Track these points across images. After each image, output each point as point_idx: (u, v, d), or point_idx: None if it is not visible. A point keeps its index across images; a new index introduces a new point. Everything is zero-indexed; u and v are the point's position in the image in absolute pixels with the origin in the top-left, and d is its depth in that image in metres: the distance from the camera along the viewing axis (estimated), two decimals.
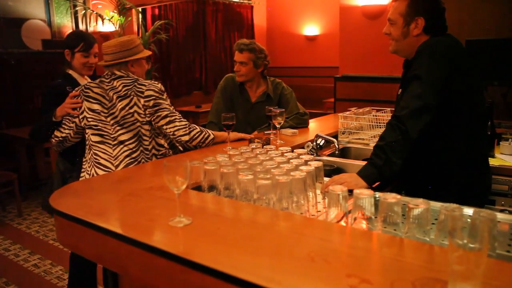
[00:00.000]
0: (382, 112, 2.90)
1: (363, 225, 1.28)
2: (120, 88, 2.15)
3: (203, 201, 1.49)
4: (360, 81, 4.07)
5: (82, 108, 2.18)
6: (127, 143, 2.10)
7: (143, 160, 2.12)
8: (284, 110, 2.40)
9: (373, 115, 2.85)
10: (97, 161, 2.12)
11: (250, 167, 1.55)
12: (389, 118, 2.81)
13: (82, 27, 6.14)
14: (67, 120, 2.26)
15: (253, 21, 8.29)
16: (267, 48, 3.05)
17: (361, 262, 1.02)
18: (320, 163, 1.61)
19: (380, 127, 2.82)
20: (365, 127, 2.80)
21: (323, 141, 2.40)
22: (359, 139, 2.72)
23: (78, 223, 1.34)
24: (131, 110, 2.11)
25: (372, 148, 2.53)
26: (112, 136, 2.12)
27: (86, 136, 2.19)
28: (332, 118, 3.63)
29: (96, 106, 2.15)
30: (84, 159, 2.22)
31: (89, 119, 2.15)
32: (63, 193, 1.60)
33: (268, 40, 8.57)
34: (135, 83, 2.16)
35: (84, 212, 1.37)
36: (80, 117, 2.19)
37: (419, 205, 1.16)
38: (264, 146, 1.92)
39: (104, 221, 1.30)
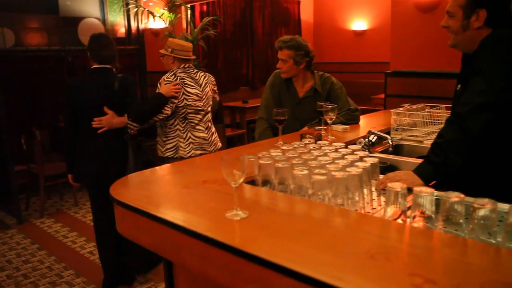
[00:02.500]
0: (437, 109, 2.80)
1: (422, 223, 1.25)
2: (201, 78, 3.15)
3: (258, 195, 1.50)
4: (412, 77, 3.94)
5: (182, 92, 3.00)
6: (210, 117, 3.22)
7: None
8: (336, 106, 2.37)
9: (427, 112, 2.76)
10: (192, 126, 3.08)
11: (304, 162, 1.54)
12: (444, 115, 2.73)
13: (133, 24, 6.34)
14: (169, 102, 2.97)
15: (300, 16, 8.23)
16: (314, 44, 3.03)
17: (424, 262, 0.99)
18: (376, 160, 1.58)
19: (435, 124, 2.73)
20: (418, 124, 2.71)
21: (375, 138, 2.35)
22: (412, 136, 2.64)
23: (138, 213, 1.39)
24: (209, 94, 3.18)
25: (426, 145, 2.47)
26: (204, 111, 3.14)
27: (181, 113, 3.03)
28: (382, 114, 3.55)
29: (193, 90, 3.05)
30: (172, 128, 3.06)
31: (189, 100, 3.02)
32: (122, 184, 1.66)
33: (315, 36, 8.49)
34: (207, 75, 3.23)
35: (143, 202, 1.42)
36: (180, 99, 2.99)
37: (485, 205, 1.11)
38: (317, 142, 1.90)
39: (162, 212, 1.34)
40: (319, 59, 2.85)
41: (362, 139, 2.37)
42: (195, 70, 3.16)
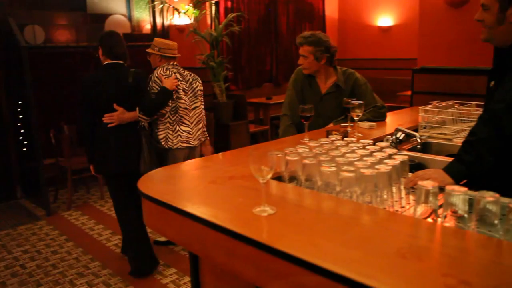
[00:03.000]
0: (467, 106, 2.73)
1: (453, 223, 1.22)
2: (187, 75, 3.43)
3: (284, 191, 1.50)
4: (441, 73, 3.85)
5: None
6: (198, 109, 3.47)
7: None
8: (363, 102, 2.34)
9: (457, 109, 2.70)
10: (181, 121, 3.34)
11: (332, 159, 1.52)
12: (475, 112, 2.65)
13: (159, 20, 6.40)
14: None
15: (325, 12, 8.15)
16: (338, 40, 2.99)
17: (457, 262, 0.97)
18: (405, 157, 1.55)
19: (464, 122, 2.66)
20: (448, 121, 2.65)
21: (403, 135, 2.31)
22: (441, 134, 2.59)
23: (165, 207, 1.40)
24: (197, 91, 3.45)
25: (455, 143, 2.42)
26: (191, 106, 3.40)
27: (172, 104, 3.28)
28: (408, 111, 3.49)
29: (182, 86, 3.34)
30: (162, 120, 3.28)
31: (180, 94, 3.31)
32: (149, 178, 1.68)
33: (340, 32, 8.39)
34: (193, 74, 3.48)
35: (170, 197, 1.43)
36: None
37: None
38: (344, 139, 1.88)
39: (190, 207, 1.34)
40: (343, 55, 2.81)
41: (389, 136, 2.34)
42: (182, 68, 3.44)
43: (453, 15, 3.82)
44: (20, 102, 4.77)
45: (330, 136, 1.97)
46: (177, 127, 3.32)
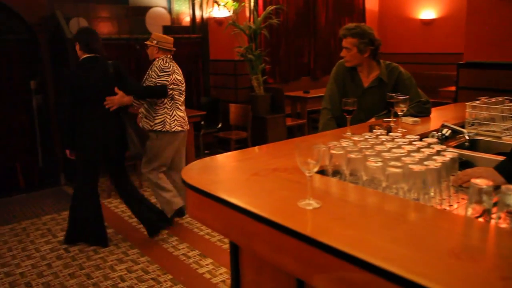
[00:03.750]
0: None
1: (508, 224, 1.16)
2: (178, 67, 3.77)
3: (328, 185, 1.48)
4: (489, 68, 3.70)
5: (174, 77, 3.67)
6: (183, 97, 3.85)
7: None
8: (408, 97, 2.28)
9: (507, 106, 2.58)
10: (177, 106, 3.71)
11: (378, 153, 1.49)
12: None
13: (198, 13, 6.46)
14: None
15: (365, 5, 7.99)
16: (379, 34, 2.90)
17: None
18: (455, 154, 1.50)
19: None
20: (497, 118, 2.54)
21: (449, 132, 2.23)
22: (489, 131, 2.48)
23: (209, 198, 1.41)
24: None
25: (505, 141, 2.32)
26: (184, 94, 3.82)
27: (169, 94, 3.65)
28: (453, 107, 3.37)
29: (179, 77, 3.73)
30: (161, 106, 3.65)
31: (177, 84, 3.69)
32: (192, 168, 1.70)
33: (380, 25, 8.20)
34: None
35: (214, 187, 1.44)
36: (171, 82, 3.64)
37: None
38: (388, 134, 1.84)
39: (234, 198, 1.34)
40: (383, 49, 2.73)
41: (434, 132, 2.26)
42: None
43: (503, 6, 3.65)
44: None
45: (374, 130, 1.93)
46: (174, 112, 3.70)
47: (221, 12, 6.08)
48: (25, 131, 4.84)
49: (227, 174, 1.64)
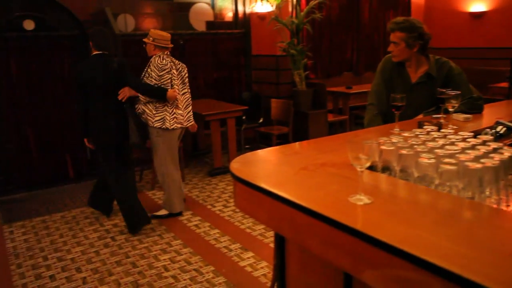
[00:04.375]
0: None
1: None
2: (178, 64, 3.90)
3: (377, 181, 1.46)
4: None
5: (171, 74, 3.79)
6: (186, 95, 4.01)
7: None
8: (459, 93, 2.20)
9: None
10: (176, 105, 3.85)
11: (430, 150, 1.46)
12: None
13: (241, 8, 6.49)
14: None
15: None
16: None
17: None
18: None
19: None
20: None
21: (504, 129, 2.14)
22: None
23: (258, 191, 1.42)
24: (185, 78, 3.97)
25: None
26: (181, 91, 3.93)
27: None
28: (505, 104, 3.25)
29: (175, 72, 3.84)
30: (161, 104, 3.78)
31: (174, 81, 3.81)
32: (240, 161, 1.72)
33: (426, 19, 7.93)
34: (182, 64, 3.96)
35: (263, 181, 1.46)
36: (167, 80, 3.75)
37: None
38: (440, 131, 1.79)
39: (283, 192, 1.35)
40: (429, 44, 2.64)
41: (487, 129, 2.18)
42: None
43: None
44: None
45: (424, 127, 1.88)
46: (174, 110, 3.83)
47: (263, 7, 6.08)
48: (74, 124, 5.04)
49: (275, 168, 1.65)
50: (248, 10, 6.50)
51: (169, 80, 3.74)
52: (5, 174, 4.94)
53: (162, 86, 3.72)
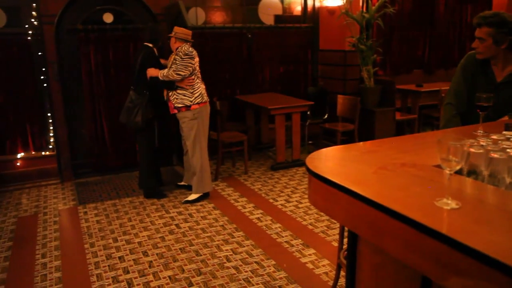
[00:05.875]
0: None
1: None
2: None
3: (464, 185, 1.37)
4: None
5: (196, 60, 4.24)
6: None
7: None
8: None
9: None
10: (201, 81, 4.28)
11: None
12: None
13: (310, 2, 6.41)
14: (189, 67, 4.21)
15: None
16: None
17: None
18: None
19: None
20: None
21: None
22: None
23: (336, 188, 1.39)
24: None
25: None
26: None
27: (195, 72, 4.21)
28: None
29: (197, 59, 4.22)
30: (194, 81, 4.19)
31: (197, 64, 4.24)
32: (316, 157, 1.69)
33: (510, 13, 7.38)
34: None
35: (341, 178, 1.42)
36: (194, 63, 4.17)
37: None
38: None
39: (362, 190, 1.31)
40: None
41: None
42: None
43: None
44: None
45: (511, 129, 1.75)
46: (202, 85, 4.29)
47: (334, 1, 5.97)
48: None
49: (352, 165, 1.61)
50: (317, 4, 6.41)
51: (190, 65, 4.09)
52: (82, 158, 5.26)
53: (182, 67, 4.08)
